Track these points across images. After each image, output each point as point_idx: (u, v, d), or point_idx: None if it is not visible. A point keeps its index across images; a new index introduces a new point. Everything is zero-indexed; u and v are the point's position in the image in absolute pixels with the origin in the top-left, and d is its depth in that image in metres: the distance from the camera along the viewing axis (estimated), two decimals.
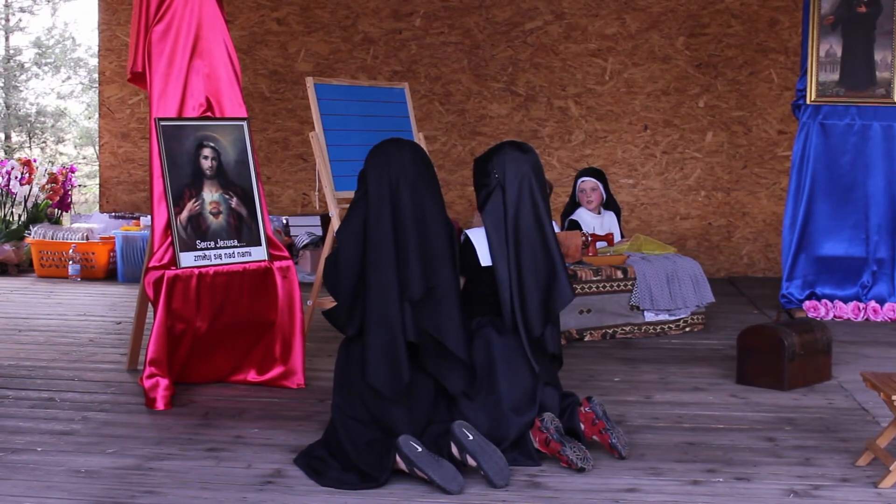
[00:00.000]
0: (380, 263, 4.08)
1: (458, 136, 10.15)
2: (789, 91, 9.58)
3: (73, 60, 19.08)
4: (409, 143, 4.27)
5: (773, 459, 4.24)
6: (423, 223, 4.14)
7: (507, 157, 4.41)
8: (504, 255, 4.35)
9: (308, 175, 10.25)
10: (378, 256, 4.08)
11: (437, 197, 4.22)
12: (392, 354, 4.05)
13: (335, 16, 10.22)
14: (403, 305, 4.06)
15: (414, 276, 4.06)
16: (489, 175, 4.42)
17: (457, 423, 3.97)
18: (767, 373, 5.42)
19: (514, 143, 4.52)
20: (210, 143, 5.38)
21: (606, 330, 6.73)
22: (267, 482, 3.92)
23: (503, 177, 4.38)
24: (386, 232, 4.09)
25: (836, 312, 7.54)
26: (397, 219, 4.11)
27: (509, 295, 4.32)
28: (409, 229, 4.10)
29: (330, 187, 5.98)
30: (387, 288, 4.06)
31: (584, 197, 7.54)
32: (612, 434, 4.19)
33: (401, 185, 4.14)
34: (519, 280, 4.33)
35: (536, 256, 4.35)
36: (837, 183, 7.61)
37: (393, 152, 4.20)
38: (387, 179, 4.14)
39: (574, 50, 10.01)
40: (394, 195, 4.13)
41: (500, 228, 4.37)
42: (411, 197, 4.13)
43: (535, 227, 4.37)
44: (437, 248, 4.14)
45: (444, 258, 4.16)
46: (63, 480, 3.92)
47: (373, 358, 4.07)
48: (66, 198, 10.39)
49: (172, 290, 5.08)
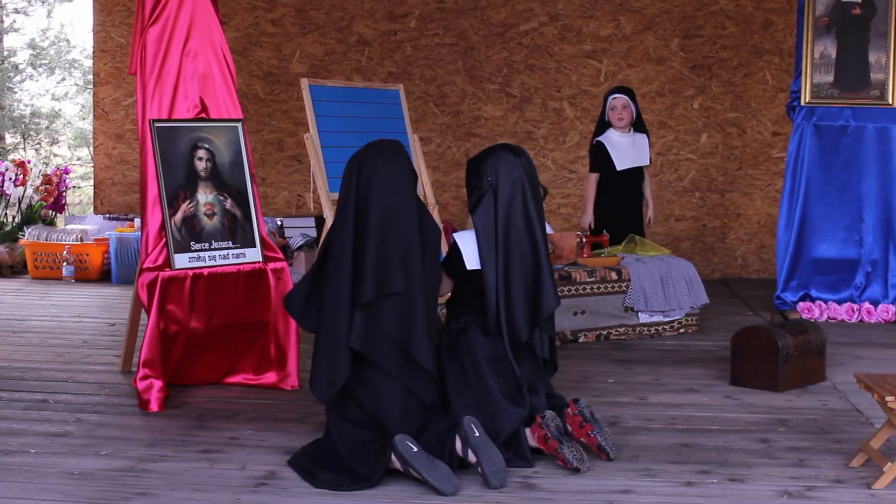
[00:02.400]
0: (337, 266, 4.08)
1: (453, 137, 10.15)
2: (784, 93, 9.59)
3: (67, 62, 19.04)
4: (390, 146, 4.23)
5: (766, 461, 4.25)
6: (393, 228, 4.09)
7: (500, 160, 4.40)
8: (492, 259, 4.35)
9: (303, 176, 10.24)
10: (337, 259, 4.08)
11: (410, 201, 4.17)
12: (330, 358, 4.05)
13: (330, 17, 10.22)
14: (353, 310, 4.04)
15: (367, 279, 4.03)
16: (482, 178, 4.42)
17: (467, 418, 3.99)
18: (761, 374, 5.43)
19: (507, 146, 4.51)
20: (204, 145, 5.38)
21: (601, 331, 6.74)
22: (261, 484, 3.92)
23: (496, 180, 4.38)
24: (346, 236, 4.08)
25: (830, 314, 7.54)
26: (361, 223, 4.08)
27: (495, 298, 4.33)
28: (371, 234, 4.06)
29: (324, 189, 5.98)
30: (339, 292, 4.05)
31: (615, 115, 7.50)
32: (599, 436, 4.19)
33: (371, 189, 4.11)
34: (506, 284, 4.33)
35: (524, 261, 4.35)
36: (832, 184, 7.61)
37: (366, 156, 4.18)
38: (355, 183, 4.13)
39: (569, 51, 10.01)
40: (360, 199, 4.11)
41: (489, 231, 4.37)
42: (380, 201, 4.10)
43: (525, 232, 4.37)
44: (408, 254, 4.10)
45: (416, 265, 4.12)
46: (56, 482, 3.91)
47: (316, 360, 4.09)
48: (60, 199, 10.38)
49: (167, 291, 5.08)
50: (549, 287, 4.38)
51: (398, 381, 4.08)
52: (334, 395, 4.07)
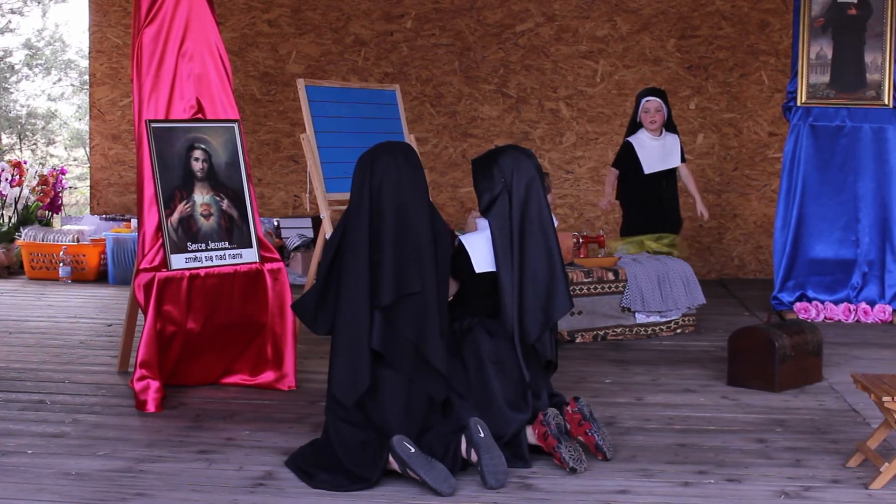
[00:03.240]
0: (353, 267, 4.06)
1: (450, 137, 10.15)
2: (780, 93, 9.60)
3: (63, 62, 19.03)
4: (401, 148, 4.23)
5: (763, 461, 4.25)
6: (406, 228, 4.09)
7: (514, 161, 4.40)
8: (508, 261, 4.33)
9: (299, 177, 10.24)
10: (352, 260, 4.07)
11: (423, 202, 4.17)
12: (352, 360, 4.04)
13: (326, 18, 10.22)
14: (372, 311, 4.04)
15: (386, 281, 4.03)
16: (493, 179, 4.41)
17: (473, 419, 4.00)
18: (758, 374, 5.43)
19: (515, 147, 4.53)
20: (201, 145, 5.37)
21: (598, 332, 6.74)
22: (258, 484, 3.92)
23: (510, 181, 4.37)
24: (362, 236, 4.07)
25: (826, 314, 7.55)
26: (376, 223, 4.08)
27: (511, 300, 4.31)
28: (386, 234, 4.06)
29: (321, 189, 5.97)
30: (357, 293, 4.04)
31: (648, 118, 7.49)
32: (597, 435, 4.19)
33: (383, 189, 4.11)
34: (520, 286, 4.32)
35: (539, 262, 4.35)
36: (828, 185, 7.62)
37: (379, 156, 4.18)
38: (368, 183, 4.12)
39: (565, 52, 10.02)
40: (374, 199, 4.10)
41: (505, 233, 4.35)
42: (394, 201, 4.10)
43: (539, 233, 4.36)
44: (421, 254, 4.11)
45: (429, 264, 4.12)
46: (53, 483, 3.91)
47: (336, 362, 4.08)
48: (56, 200, 10.37)
49: (163, 292, 5.08)
50: (562, 289, 4.37)
51: (411, 381, 4.08)
52: (359, 396, 4.05)
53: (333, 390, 4.08)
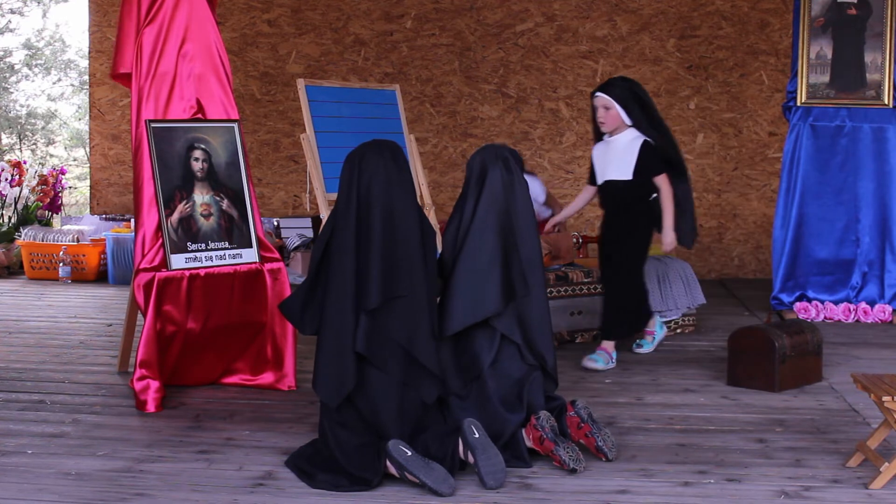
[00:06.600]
0: (339, 269, 4.05)
1: (450, 137, 10.14)
2: (780, 93, 9.60)
3: (63, 62, 19.03)
4: (388, 147, 4.21)
5: (763, 461, 4.25)
6: (393, 229, 4.08)
7: (481, 153, 4.49)
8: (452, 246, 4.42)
9: (299, 177, 10.24)
10: (339, 261, 4.06)
11: (410, 202, 4.16)
12: (337, 361, 4.04)
13: (326, 17, 10.22)
14: (358, 313, 4.04)
15: (373, 285, 4.02)
16: (469, 169, 4.50)
17: (467, 420, 3.99)
18: (758, 374, 5.43)
19: (494, 144, 4.63)
20: (201, 145, 5.37)
21: (598, 332, 6.73)
22: (258, 484, 3.92)
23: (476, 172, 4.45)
24: (348, 238, 4.06)
25: (826, 314, 7.55)
26: (364, 224, 4.07)
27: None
28: (374, 236, 4.05)
29: (321, 189, 5.97)
30: (343, 295, 4.04)
31: (598, 119, 6.01)
32: (597, 437, 4.19)
33: (371, 189, 4.10)
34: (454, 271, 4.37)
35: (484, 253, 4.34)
36: (828, 185, 7.62)
37: (366, 156, 4.17)
38: (356, 183, 4.12)
39: (565, 52, 10.02)
40: (362, 199, 4.10)
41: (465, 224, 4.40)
42: (382, 202, 4.09)
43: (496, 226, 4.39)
44: (410, 255, 4.10)
45: (418, 266, 4.12)
46: (53, 483, 3.91)
47: (320, 364, 4.08)
48: (56, 200, 10.37)
49: (163, 292, 5.08)
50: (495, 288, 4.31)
51: (400, 383, 4.07)
52: (342, 398, 4.05)
53: (317, 392, 4.09)
